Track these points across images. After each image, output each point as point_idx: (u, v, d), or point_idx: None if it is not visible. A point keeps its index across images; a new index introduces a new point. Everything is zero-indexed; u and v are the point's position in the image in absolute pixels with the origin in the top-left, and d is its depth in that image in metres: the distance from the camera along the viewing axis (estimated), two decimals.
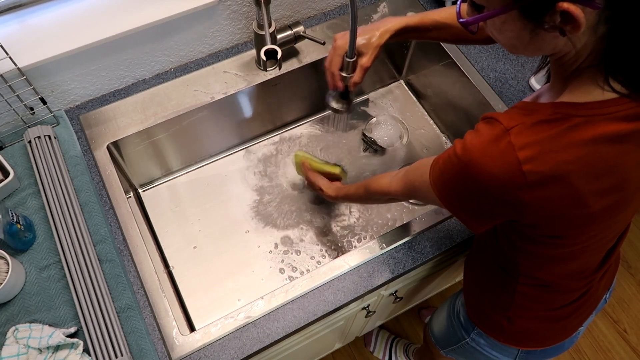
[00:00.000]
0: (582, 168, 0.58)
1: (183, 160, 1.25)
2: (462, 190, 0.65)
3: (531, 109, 0.61)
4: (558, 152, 0.57)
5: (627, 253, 1.99)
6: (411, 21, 0.89)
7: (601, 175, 0.60)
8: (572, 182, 0.59)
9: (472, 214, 0.68)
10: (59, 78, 1.03)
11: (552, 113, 0.59)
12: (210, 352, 0.88)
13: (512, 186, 0.59)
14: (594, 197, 0.61)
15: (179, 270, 1.14)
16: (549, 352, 0.95)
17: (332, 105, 0.92)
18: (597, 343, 1.83)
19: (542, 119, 0.59)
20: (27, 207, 0.97)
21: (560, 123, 0.58)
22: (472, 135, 0.63)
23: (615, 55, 0.56)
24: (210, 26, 1.12)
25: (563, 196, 0.60)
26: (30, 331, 0.83)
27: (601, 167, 0.59)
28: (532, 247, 0.73)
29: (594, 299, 0.89)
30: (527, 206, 0.61)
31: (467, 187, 0.64)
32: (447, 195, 0.68)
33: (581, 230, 0.67)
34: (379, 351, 1.75)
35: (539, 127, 0.59)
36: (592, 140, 0.58)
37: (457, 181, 0.65)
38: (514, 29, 0.57)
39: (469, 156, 0.61)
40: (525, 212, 0.63)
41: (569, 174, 0.58)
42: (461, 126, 1.28)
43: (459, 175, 0.64)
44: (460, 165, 0.63)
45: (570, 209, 0.62)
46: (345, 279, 0.96)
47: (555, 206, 0.61)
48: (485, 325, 0.95)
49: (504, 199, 0.61)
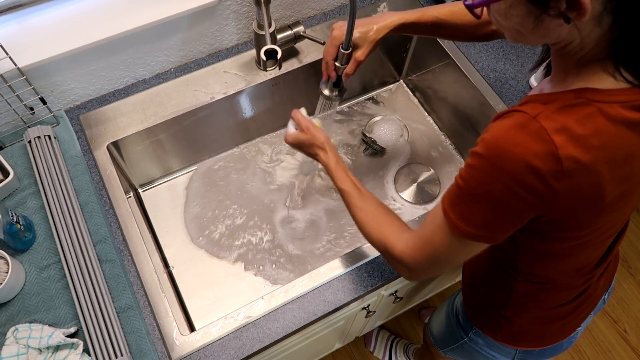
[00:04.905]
0: (607, 154, 0.56)
1: (183, 160, 1.25)
2: (488, 197, 0.59)
3: (548, 98, 0.59)
4: (587, 137, 0.55)
5: (627, 253, 1.99)
6: (410, 17, 0.88)
7: (619, 164, 0.58)
8: (598, 170, 0.57)
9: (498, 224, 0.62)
10: (59, 78, 1.03)
11: (574, 98, 0.57)
12: (210, 352, 0.88)
13: (549, 175, 0.55)
14: (611, 187, 0.59)
15: (179, 270, 1.14)
16: (547, 352, 0.95)
17: (324, 92, 0.94)
18: (597, 343, 1.82)
19: (565, 104, 0.57)
20: (27, 207, 0.97)
21: (584, 107, 0.56)
22: (492, 131, 0.58)
23: (622, 48, 0.55)
24: (210, 26, 1.12)
25: (589, 185, 0.58)
26: (30, 331, 0.83)
27: (620, 154, 0.58)
28: (535, 243, 0.72)
29: (593, 298, 0.89)
30: (558, 197, 0.57)
31: (497, 188, 0.58)
32: (468, 214, 0.61)
33: (589, 223, 0.65)
34: (379, 351, 1.75)
35: (565, 111, 0.56)
36: (614, 126, 0.56)
37: (485, 184, 0.59)
38: (519, 14, 0.56)
39: (498, 148, 0.57)
40: (554, 205, 0.58)
41: (597, 161, 0.56)
42: (461, 126, 1.28)
43: (486, 173, 0.58)
44: (488, 163, 0.58)
45: (590, 198, 0.59)
46: (345, 279, 0.96)
47: (580, 195, 0.58)
48: (483, 325, 0.95)
49: (539, 191, 0.57)
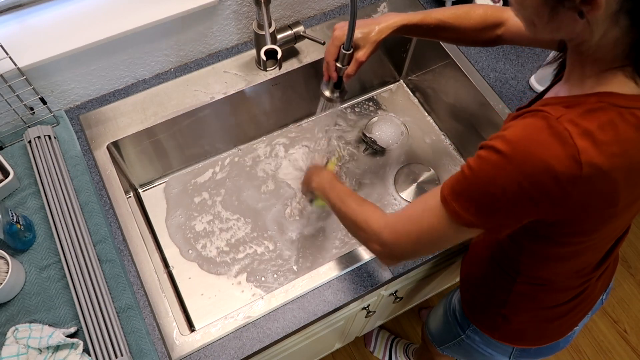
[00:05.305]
0: (626, 161, 0.56)
1: (183, 160, 1.25)
2: (501, 192, 0.58)
3: (570, 101, 0.58)
4: (609, 143, 0.54)
5: (627, 253, 1.99)
6: (413, 19, 0.87)
7: (634, 171, 0.58)
8: (614, 177, 0.56)
9: (499, 218, 0.61)
10: (59, 78, 1.03)
11: (596, 102, 0.56)
12: (210, 352, 0.88)
13: (567, 179, 0.54)
14: (624, 194, 0.59)
15: (179, 270, 1.14)
16: (543, 350, 0.95)
17: (325, 93, 0.94)
18: (597, 343, 1.83)
19: (588, 108, 0.56)
20: (27, 207, 0.97)
21: (606, 112, 0.56)
22: (515, 129, 0.57)
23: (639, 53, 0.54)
24: (210, 26, 1.12)
25: (604, 192, 0.57)
26: (30, 331, 0.83)
27: (636, 161, 0.57)
28: (539, 247, 0.71)
29: (591, 299, 0.89)
30: (569, 201, 0.57)
31: (512, 185, 0.57)
32: (475, 205, 0.60)
33: (597, 228, 0.65)
34: (379, 351, 1.75)
35: (588, 116, 0.55)
36: (634, 132, 0.56)
37: (499, 181, 0.57)
38: (534, 4, 0.56)
39: (522, 148, 0.55)
40: (563, 209, 0.58)
41: (616, 168, 0.55)
42: (461, 126, 1.28)
43: (504, 172, 0.57)
44: (508, 161, 0.56)
45: (603, 205, 0.59)
46: (345, 279, 0.96)
47: (593, 202, 0.58)
48: (480, 322, 0.95)
49: (551, 194, 0.56)
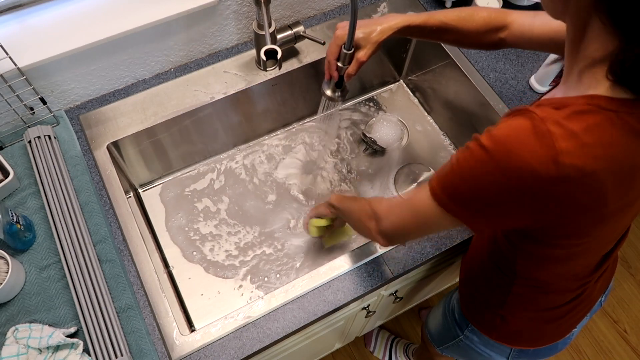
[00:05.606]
0: (613, 164, 0.57)
1: (183, 160, 1.25)
2: (483, 188, 0.60)
3: (561, 102, 0.59)
4: (594, 146, 0.55)
5: (627, 253, 1.99)
6: (415, 20, 0.87)
7: (624, 174, 0.58)
8: (601, 179, 0.57)
9: (485, 214, 0.63)
10: (59, 78, 1.03)
11: (585, 104, 0.57)
12: (210, 352, 0.88)
13: (546, 179, 0.56)
14: (614, 196, 0.59)
15: (178, 270, 1.14)
16: (542, 352, 0.95)
17: (327, 92, 0.94)
18: (597, 343, 1.83)
19: (576, 110, 0.57)
20: (27, 207, 0.97)
21: (594, 115, 0.56)
22: (501, 127, 0.59)
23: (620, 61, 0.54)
24: (210, 26, 1.12)
25: (589, 193, 0.58)
26: (30, 331, 0.83)
27: (626, 164, 0.58)
28: (534, 248, 0.72)
29: (589, 300, 0.89)
30: (552, 202, 0.58)
31: (494, 182, 0.59)
32: (459, 197, 0.63)
33: (589, 231, 0.65)
34: (379, 351, 1.75)
35: (575, 118, 0.56)
36: (622, 136, 0.56)
37: (481, 176, 0.59)
38: None
39: (504, 146, 0.57)
40: (547, 209, 0.59)
41: (601, 170, 0.56)
42: (461, 126, 1.28)
43: (486, 168, 0.59)
44: (490, 157, 0.58)
45: (590, 207, 0.60)
46: (345, 279, 0.96)
47: (578, 204, 0.59)
48: (478, 323, 0.95)
49: (537, 194, 0.58)
